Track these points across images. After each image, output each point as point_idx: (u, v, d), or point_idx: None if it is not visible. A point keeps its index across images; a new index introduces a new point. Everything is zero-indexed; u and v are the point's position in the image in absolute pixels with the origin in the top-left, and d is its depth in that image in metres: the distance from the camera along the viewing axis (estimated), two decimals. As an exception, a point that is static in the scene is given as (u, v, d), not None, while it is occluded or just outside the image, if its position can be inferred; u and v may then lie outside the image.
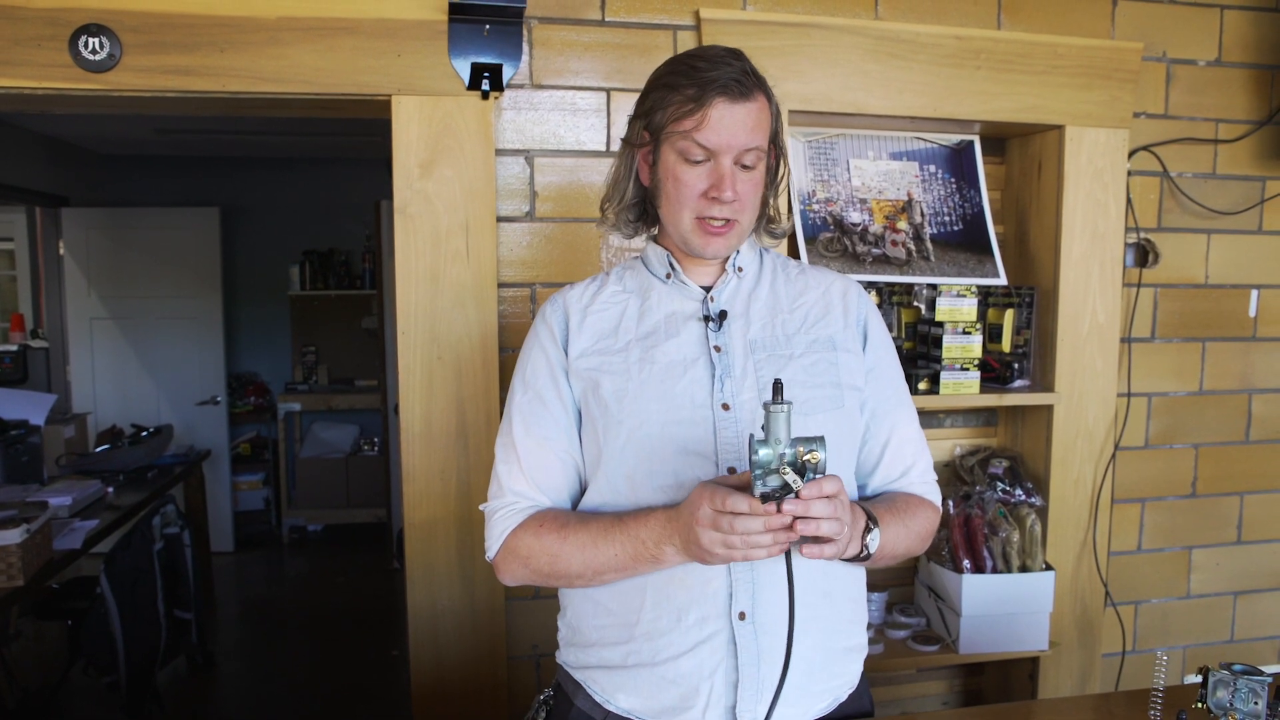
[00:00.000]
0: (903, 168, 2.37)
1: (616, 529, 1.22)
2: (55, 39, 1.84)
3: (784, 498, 1.05)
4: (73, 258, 5.43)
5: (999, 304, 2.43)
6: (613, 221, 1.40)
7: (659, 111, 1.28)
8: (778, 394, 1.06)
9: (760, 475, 1.05)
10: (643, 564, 1.21)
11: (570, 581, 1.29)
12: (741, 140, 1.25)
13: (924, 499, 1.40)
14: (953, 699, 2.55)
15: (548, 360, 1.35)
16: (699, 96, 1.23)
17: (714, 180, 1.26)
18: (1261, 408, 2.64)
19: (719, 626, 1.24)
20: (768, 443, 1.05)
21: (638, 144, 1.34)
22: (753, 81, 1.26)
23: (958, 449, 2.51)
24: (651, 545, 1.19)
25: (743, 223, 1.31)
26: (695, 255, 1.34)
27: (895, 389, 1.41)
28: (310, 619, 4.78)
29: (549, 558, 1.27)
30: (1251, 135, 2.52)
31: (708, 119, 1.23)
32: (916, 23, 2.23)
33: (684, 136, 1.25)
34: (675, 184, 1.29)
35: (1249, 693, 1.28)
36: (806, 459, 1.05)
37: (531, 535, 1.29)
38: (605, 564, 1.23)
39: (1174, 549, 2.63)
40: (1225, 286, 2.58)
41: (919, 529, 1.36)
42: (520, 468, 1.32)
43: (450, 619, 2.08)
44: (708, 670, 1.24)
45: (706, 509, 1.09)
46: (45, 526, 2.75)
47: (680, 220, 1.30)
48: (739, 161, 1.26)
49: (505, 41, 1.99)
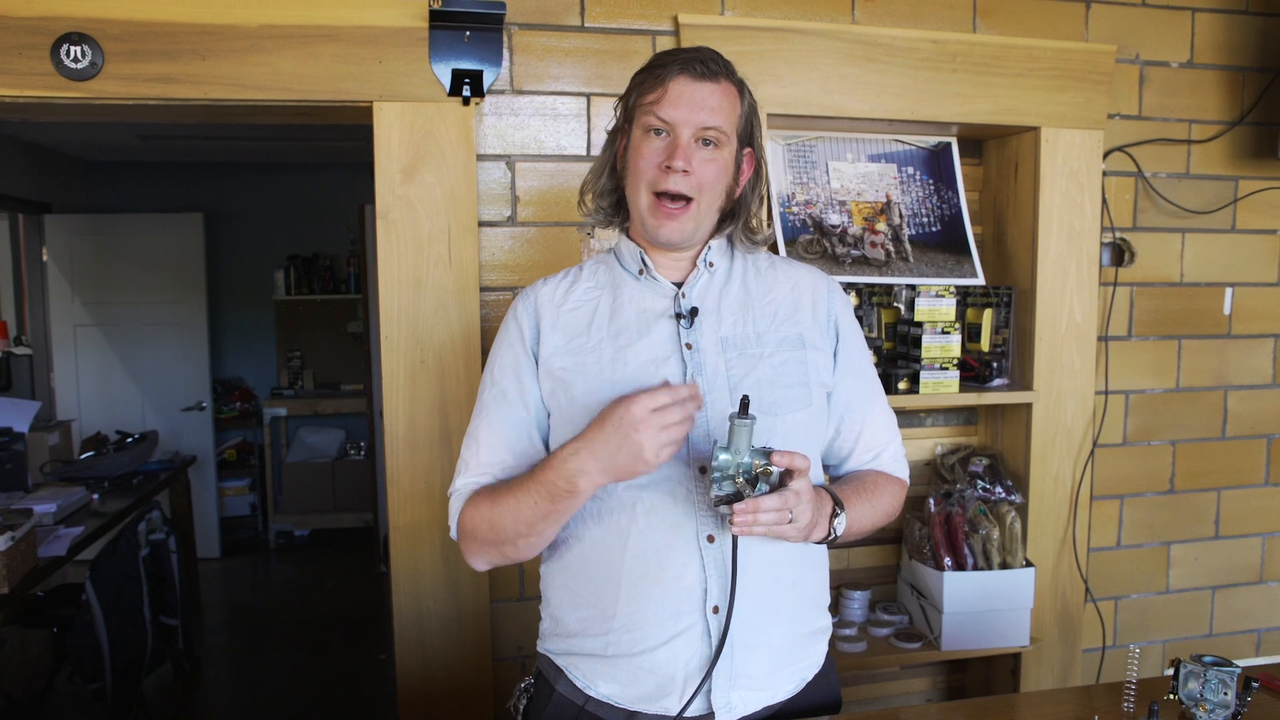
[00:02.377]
0: (881, 170, 2.40)
1: (528, 479, 1.26)
2: (37, 47, 1.84)
3: (734, 501, 1.14)
4: (56, 264, 5.40)
5: (977, 304, 2.45)
6: (590, 209, 1.44)
7: (632, 93, 1.35)
8: (744, 409, 1.14)
9: (718, 479, 1.14)
10: (561, 502, 1.23)
11: (515, 544, 1.30)
12: (700, 117, 1.28)
13: (892, 475, 1.47)
14: (936, 695, 2.58)
15: (514, 359, 1.38)
16: (661, 73, 1.30)
17: (670, 151, 1.29)
18: (1237, 404, 2.68)
19: (694, 620, 1.27)
20: (729, 449, 1.14)
21: (618, 130, 1.38)
22: (719, 68, 1.31)
23: (938, 448, 2.53)
24: (562, 481, 1.21)
25: (701, 205, 1.32)
26: (653, 241, 1.35)
27: (868, 382, 1.47)
28: (297, 624, 4.77)
29: (488, 525, 1.30)
30: (1224, 136, 2.56)
31: (667, 92, 1.28)
32: (893, 26, 2.26)
33: (646, 110, 1.30)
34: (635, 156, 1.32)
35: (1218, 684, 1.30)
36: (760, 471, 1.15)
37: (472, 508, 1.33)
38: (532, 515, 1.25)
39: (1153, 545, 2.66)
40: (1200, 285, 2.62)
41: (885, 505, 1.43)
42: (478, 459, 1.36)
43: (436, 622, 2.09)
44: (683, 660, 1.28)
45: (638, 411, 1.13)
46: (30, 534, 2.74)
47: (639, 199, 1.33)
48: (699, 139, 1.29)
49: (486, 48, 2.00)
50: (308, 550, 6.01)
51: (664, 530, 1.27)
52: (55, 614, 3.41)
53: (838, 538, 1.30)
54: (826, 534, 1.27)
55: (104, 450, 4.02)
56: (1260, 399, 2.70)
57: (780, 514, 1.14)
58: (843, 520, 1.29)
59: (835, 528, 1.28)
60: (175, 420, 5.53)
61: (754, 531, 1.14)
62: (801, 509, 1.17)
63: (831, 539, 1.30)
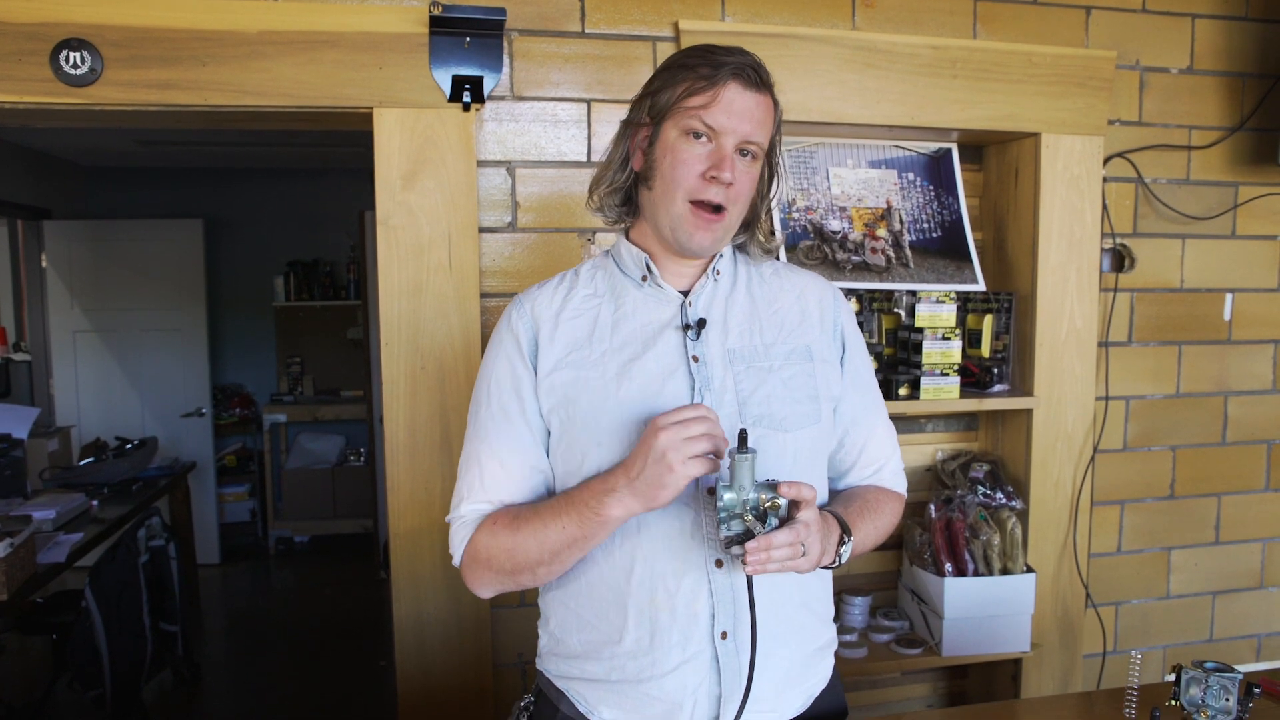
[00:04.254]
0: (881, 176, 2.40)
1: (561, 502, 1.22)
2: (36, 53, 1.84)
3: (745, 540, 1.11)
4: (55, 270, 5.40)
5: (978, 310, 2.45)
6: (598, 205, 1.38)
7: (667, 90, 1.27)
8: (743, 444, 1.12)
9: (725, 519, 1.12)
10: (590, 528, 1.19)
11: (534, 572, 1.25)
12: (747, 128, 1.24)
13: (891, 490, 1.46)
14: (937, 701, 2.57)
15: (513, 373, 1.31)
16: (713, 76, 1.23)
17: (715, 160, 1.24)
18: (1237, 410, 2.68)
19: (702, 646, 1.24)
20: (732, 487, 1.12)
21: (638, 123, 1.31)
22: (766, 77, 1.27)
23: (939, 453, 2.53)
24: (595, 505, 1.17)
25: (731, 216, 1.28)
26: (680, 249, 1.30)
27: (872, 396, 1.45)
28: (297, 630, 4.76)
29: (506, 553, 1.25)
30: (1224, 141, 2.56)
31: (719, 98, 1.22)
32: (893, 33, 2.26)
33: (692, 114, 1.23)
34: (673, 162, 1.25)
35: (1220, 689, 1.30)
36: (768, 506, 1.12)
37: (488, 535, 1.27)
38: (559, 542, 1.21)
39: (1153, 550, 2.65)
40: (1200, 290, 2.62)
41: (886, 523, 1.42)
42: (481, 483, 1.30)
43: (436, 628, 2.09)
44: (691, 687, 1.25)
45: (665, 433, 1.11)
46: (29, 540, 2.74)
47: (672, 204, 1.27)
48: (739, 149, 1.25)
49: (486, 53, 2.00)
50: (307, 556, 6.00)
51: (671, 555, 1.24)
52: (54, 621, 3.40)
53: (842, 563, 1.28)
54: (833, 560, 1.25)
55: (103, 456, 4.02)
56: (1260, 404, 2.70)
57: (793, 549, 1.11)
58: (849, 547, 1.27)
59: (842, 554, 1.26)
60: (175, 426, 5.53)
61: (768, 570, 1.11)
62: (812, 540, 1.14)
63: (837, 565, 1.28)
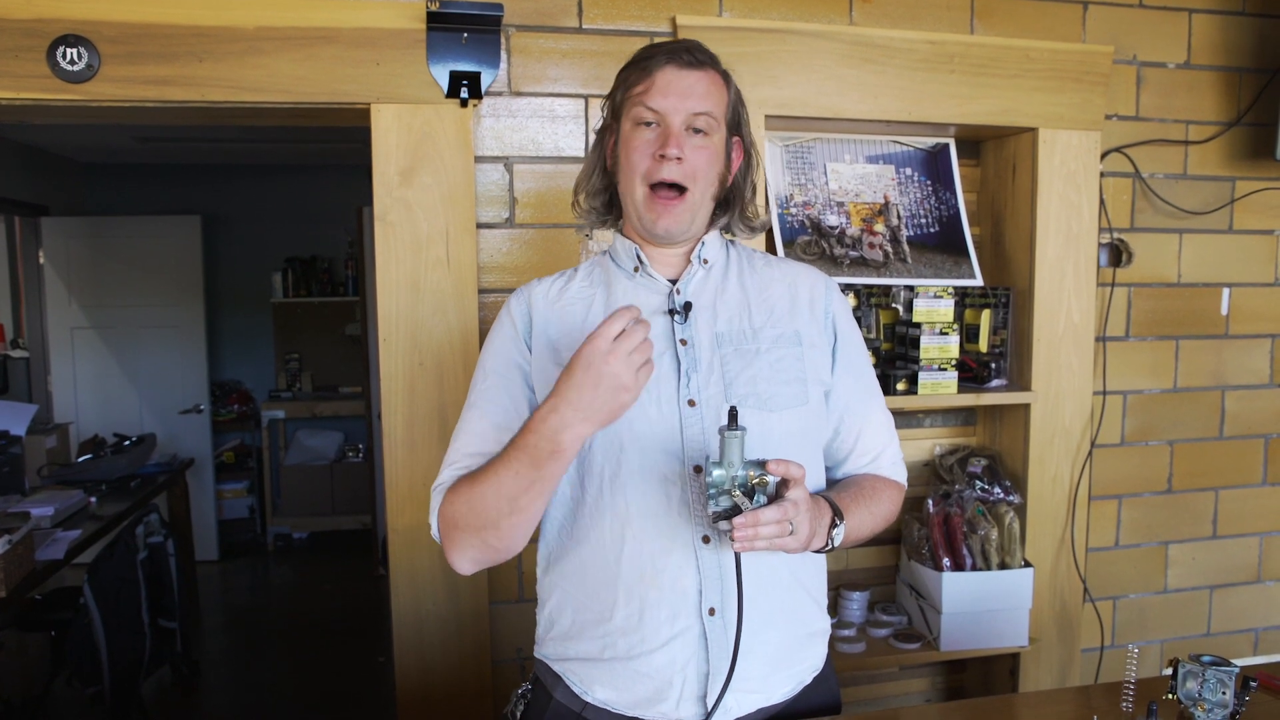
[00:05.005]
0: (879, 171, 2.40)
1: (506, 450, 1.20)
2: (33, 49, 1.84)
3: (733, 516, 1.12)
4: (53, 267, 5.39)
5: (975, 305, 2.46)
6: (583, 209, 1.43)
7: (619, 90, 1.35)
8: (733, 421, 1.13)
9: (714, 495, 1.13)
10: (546, 466, 1.16)
11: (499, 528, 1.23)
12: (690, 104, 1.29)
13: (890, 480, 1.46)
14: (935, 696, 2.58)
15: (508, 353, 1.36)
16: (648, 63, 1.31)
17: (662, 140, 1.29)
18: (1234, 404, 2.68)
19: (690, 622, 1.26)
20: (721, 464, 1.13)
21: (607, 127, 1.38)
22: (705, 57, 1.33)
23: (936, 448, 2.53)
24: (545, 442, 1.14)
25: (695, 194, 1.31)
26: (649, 236, 1.35)
27: (866, 383, 1.46)
28: (296, 627, 4.76)
29: (468, 508, 1.24)
30: (1221, 136, 2.56)
31: (655, 82, 1.29)
32: (890, 28, 2.26)
33: (635, 102, 1.30)
34: (627, 150, 1.32)
35: (1216, 683, 1.30)
36: (755, 483, 1.13)
37: (452, 496, 1.27)
38: (515, 487, 1.19)
39: (1151, 544, 2.66)
40: (1197, 285, 2.62)
41: (884, 511, 1.42)
42: (463, 449, 1.32)
43: (435, 624, 2.09)
44: (680, 664, 1.27)
45: (602, 344, 1.10)
46: (27, 537, 2.74)
47: (633, 192, 1.32)
48: (689, 126, 1.30)
49: (483, 49, 2.00)
50: (306, 553, 6.01)
51: (659, 533, 1.26)
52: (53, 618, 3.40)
53: (835, 547, 1.28)
54: (825, 544, 1.26)
55: (101, 453, 4.02)
56: (1257, 399, 2.70)
57: (781, 526, 1.11)
58: (841, 530, 1.28)
59: (834, 538, 1.27)
60: (173, 423, 5.52)
61: (756, 546, 1.11)
62: (800, 519, 1.14)
63: (830, 549, 1.28)
